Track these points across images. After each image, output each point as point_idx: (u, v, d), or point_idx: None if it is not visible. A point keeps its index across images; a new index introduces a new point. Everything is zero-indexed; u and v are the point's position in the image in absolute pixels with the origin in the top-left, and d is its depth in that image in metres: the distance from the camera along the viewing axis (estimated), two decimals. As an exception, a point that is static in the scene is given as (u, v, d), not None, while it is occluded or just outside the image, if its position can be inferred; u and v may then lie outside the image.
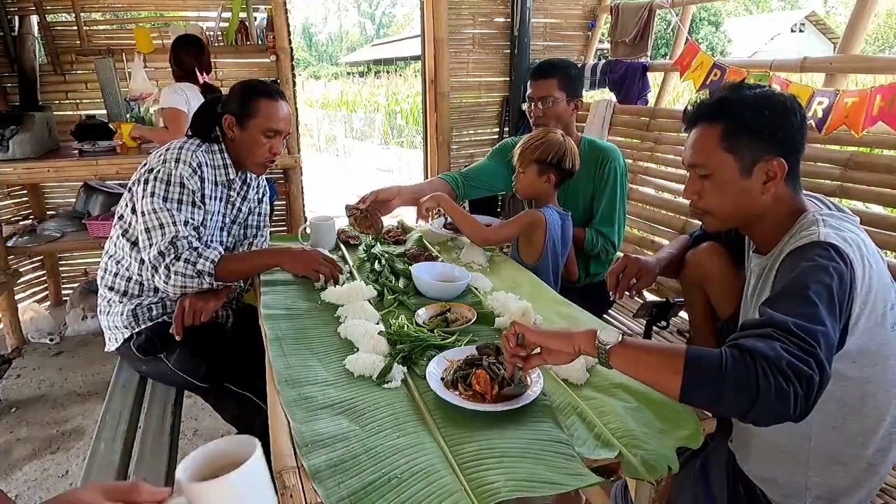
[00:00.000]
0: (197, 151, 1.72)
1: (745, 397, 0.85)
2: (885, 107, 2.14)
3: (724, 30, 23.42)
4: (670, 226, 2.85)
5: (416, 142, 11.29)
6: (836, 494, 1.18)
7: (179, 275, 1.61)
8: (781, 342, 0.88)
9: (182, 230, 1.62)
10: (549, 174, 1.95)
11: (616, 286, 1.62)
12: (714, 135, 1.19)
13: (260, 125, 1.74)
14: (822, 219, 1.12)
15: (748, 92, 1.18)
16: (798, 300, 0.95)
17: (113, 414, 1.67)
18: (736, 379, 0.86)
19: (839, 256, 1.01)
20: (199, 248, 1.64)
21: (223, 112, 1.76)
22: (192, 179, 1.67)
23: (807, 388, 0.85)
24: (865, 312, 1.06)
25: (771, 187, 1.17)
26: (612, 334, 1.01)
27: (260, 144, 1.75)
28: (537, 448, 1.04)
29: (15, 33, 3.40)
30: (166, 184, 1.64)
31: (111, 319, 1.79)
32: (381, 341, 1.37)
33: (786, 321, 0.90)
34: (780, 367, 0.85)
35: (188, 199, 1.67)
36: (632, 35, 3.63)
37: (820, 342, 0.89)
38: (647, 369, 0.98)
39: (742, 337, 0.92)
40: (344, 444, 1.05)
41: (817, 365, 0.87)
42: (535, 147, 1.94)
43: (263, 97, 1.75)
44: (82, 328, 3.33)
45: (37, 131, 3.10)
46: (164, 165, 1.66)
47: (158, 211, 1.62)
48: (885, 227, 2.05)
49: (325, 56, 44.84)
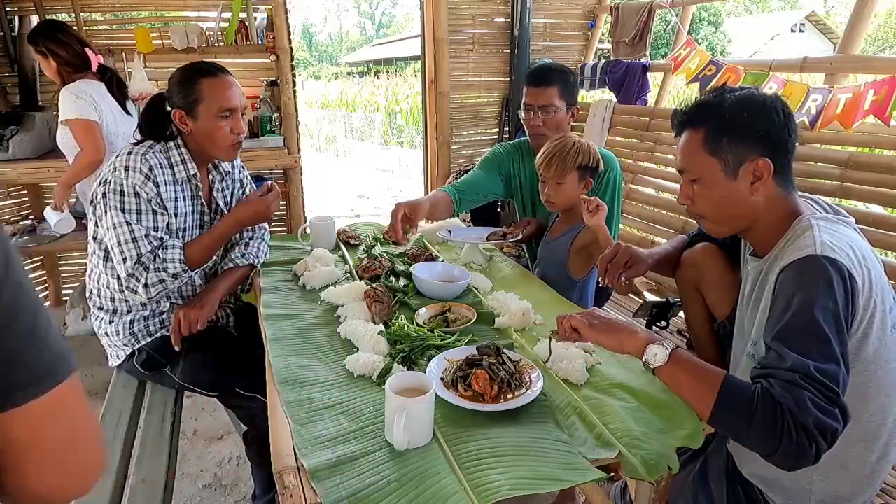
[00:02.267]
0: (147, 154, 1.62)
1: (769, 446, 0.92)
2: (878, 101, 2.14)
3: (724, 30, 23.43)
4: (670, 226, 2.85)
5: (416, 142, 11.29)
6: (840, 499, 1.17)
7: (156, 285, 1.60)
8: (809, 392, 0.91)
9: (144, 246, 1.58)
10: (587, 179, 1.87)
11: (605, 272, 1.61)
12: (698, 139, 1.21)
13: (211, 108, 1.62)
14: (816, 223, 1.11)
15: (728, 95, 1.20)
16: (811, 337, 0.97)
17: (113, 414, 1.67)
18: (763, 426, 0.92)
19: (838, 272, 1.01)
20: (160, 254, 1.61)
21: (170, 107, 1.66)
22: (145, 187, 1.59)
23: (830, 439, 0.90)
24: (865, 318, 1.06)
25: (759, 187, 1.17)
26: (661, 355, 1.07)
27: (218, 128, 1.64)
28: (537, 447, 1.04)
29: (15, 33, 3.40)
30: (120, 194, 1.58)
31: (110, 338, 1.75)
32: (381, 341, 1.37)
33: (807, 366, 0.93)
34: (807, 426, 0.89)
35: (146, 209, 1.60)
36: (631, 35, 3.63)
37: (840, 384, 0.94)
38: (686, 392, 1.05)
39: (771, 376, 0.96)
40: (343, 445, 1.05)
41: (841, 412, 0.92)
42: (574, 153, 1.83)
43: (205, 77, 1.64)
44: (82, 328, 3.32)
45: (37, 131, 3.10)
46: (114, 175, 1.59)
47: (118, 226, 1.57)
48: (885, 227, 2.05)
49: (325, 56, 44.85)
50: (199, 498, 2.15)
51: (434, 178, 4.11)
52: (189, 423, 2.52)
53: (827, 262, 1.02)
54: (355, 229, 2.30)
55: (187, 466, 2.29)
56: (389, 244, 2.18)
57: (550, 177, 1.85)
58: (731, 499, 1.27)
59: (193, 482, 2.22)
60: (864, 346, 1.08)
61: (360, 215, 6.89)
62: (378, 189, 8.60)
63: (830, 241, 1.06)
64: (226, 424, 2.45)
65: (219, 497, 2.15)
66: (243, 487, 2.18)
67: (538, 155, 1.90)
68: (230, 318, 1.91)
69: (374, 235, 2.23)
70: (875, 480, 1.18)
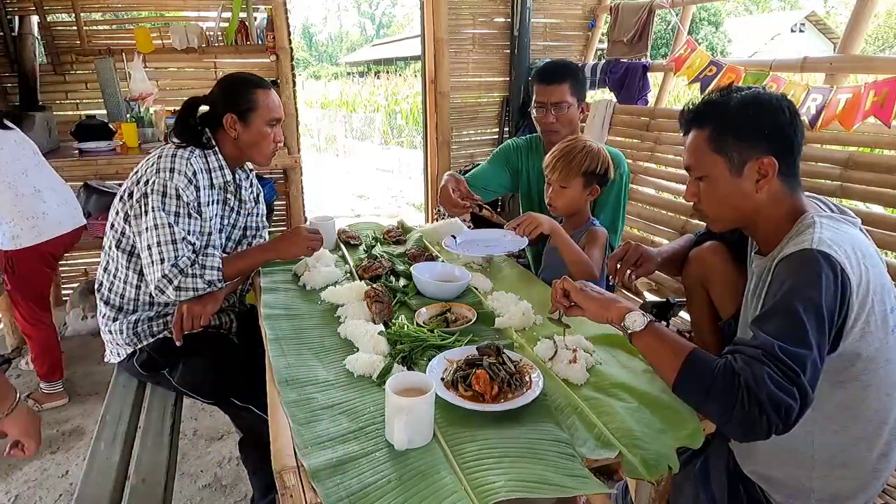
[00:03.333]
0: (191, 158, 1.68)
1: (723, 414, 0.97)
2: (878, 102, 2.14)
3: (724, 30, 23.41)
4: (670, 226, 2.85)
5: (416, 142, 11.28)
6: (840, 498, 1.17)
7: (190, 289, 1.61)
8: (768, 367, 0.94)
9: (181, 249, 1.61)
10: (593, 186, 1.80)
11: (615, 270, 1.62)
12: (703, 137, 1.21)
13: (263, 116, 1.74)
14: (819, 221, 1.11)
15: (735, 94, 1.21)
16: (786, 321, 0.99)
17: (113, 414, 1.67)
18: (720, 394, 0.96)
19: (830, 266, 1.02)
20: (200, 260, 1.64)
21: (220, 112, 1.73)
22: (187, 190, 1.64)
23: (784, 415, 0.93)
24: (863, 317, 1.06)
25: (763, 185, 1.17)
26: (640, 321, 1.13)
27: (265, 136, 1.76)
28: (537, 448, 1.04)
29: (15, 33, 3.39)
30: (163, 195, 1.61)
31: (113, 335, 1.76)
32: (381, 341, 1.37)
33: (772, 344, 0.96)
34: (760, 398, 0.92)
35: (185, 212, 1.64)
36: (630, 35, 3.63)
37: (806, 367, 0.95)
38: (655, 357, 1.10)
39: (737, 351, 1.00)
40: (344, 445, 1.05)
41: (799, 391, 0.93)
42: (581, 158, 1.76)
43: (259, 88, 1.75)
44: (82, 328, 3.33)
45: (37, 131, 3.10)
46: (158, 176, 1.62)
47: (160, 227, 1.59)
48: (885, 227, 2.05)
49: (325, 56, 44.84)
50: (199, 498, 2.15)
51: (434, 178, 4.11)
52: (189, 423, 2.52)
53: (820, 255, 1.03)
54: (355, 229, 2.30)
55: (187, 466, 2.29)
56: (389, 244, 2.17)
57: (555, 179, 1.81)
58: (732, 497, 1.27)
59: (193, 482, 2.22)
60: (864, 346, 1.08)
61: (360, 215, 6.89)
62: (378, 189, 8.60)
63: (829, 237, 1.06)
64: (226, 424, 2.45)
65: (219, 497, 2.15)
66: (243, 487, 2.18)
67: (547, 155, 1.87)
68: (233, 323, 1.91)
69: (374, 235, 2.23)
70: (877, 480, 1.18)
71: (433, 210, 4.18)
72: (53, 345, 2.67)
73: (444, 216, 3.96)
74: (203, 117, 1.77)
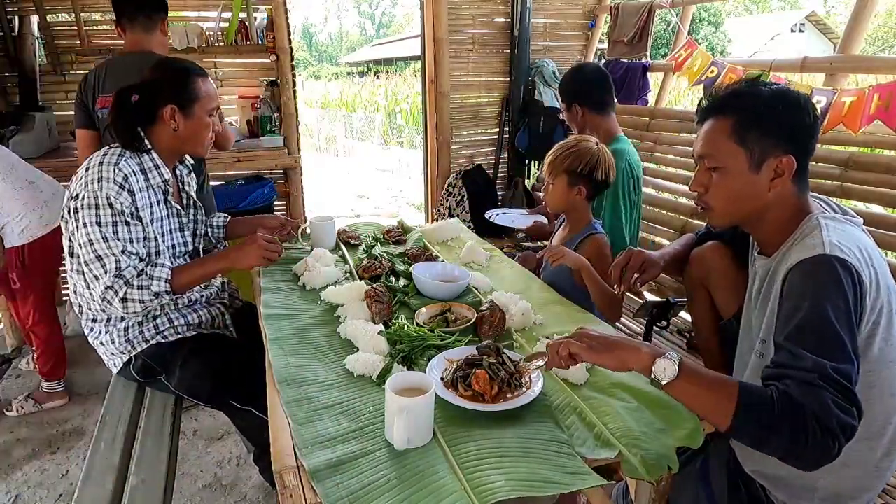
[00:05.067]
0: (119, 163, 1.57)
1: (792, 448, 0.92)
2: (883, 106, 2.14)
3: (724, 30, 23.41)
4: (670, 226, 2.85)
5: (416, 142, 11.28)
6: (843, 497, 1.17)
7: (136, 301, 1.55)
8: (829, 392, 0.91)
9: (122, 260, 1.54)
10: (579, 186, 1.82)
11: (620, 279, 1.61)
12: (725, 127, 1.18)
13: (205, 106, 1.68)
14: (825, 223, 1.11)
15: (763, 87, 1.18)
16: (826, 337, 0.97)
17: (113, 414, 1.67)
18: (786, 431, 0.91)
19: (847, 271, 1.01)
20: (147, 270, 1.57)
21: (158, 103, 1.63)
22: (119, 197, 1.55)
23: (850, 435, 0.91)
24: (872, 318, 1.06)
25: (778, 184, 1.16)
26: (671, 370, 0.99)
27: (206, 125, 1.70)
28: (537, 448, 1.04)
29: (15, 33, 3.39)
30: (95, 207, 1.53)
31: (106, 346, 1.73)
32: (381, 341, 1.37)
33: (824, 366, 0.93)
34: (831, 427, 0.90)
35: (121, 220, 1.55)
36: (630, 35, 3.62)
37: (854, 381, 0.95)
38: (701, 405, 1.00)
39: (787, 377, 0.95)
40: (343, 445, 1.05)
41: (857, 409, 0.93)
42: (566, 156, 1.81)
43: (199, 77, 1.68)
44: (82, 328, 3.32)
45: (37, 131, 3.10)
46: (86, 189, 1.53)
47: (95, 242, 1.53)
48: (885, 227, 2.05)
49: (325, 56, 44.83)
50: (199, 498, 2.15)
51: (434, 178, 4.11)
52: (189, 423, 2.52)
53: (837, 261, 1.02)
54: (355, 229, 2.30)
55: (187, 466, 2.29)
56: (390, 244, 2.17)
57: (545, 176, 1.88)
58: (733, 496, 1.27)
59: (193, 482, 2.22)
60: (870, 346, 1.08)
61: (360, 215, 6.89)
62: (378, 189, 8.60)
63: (839, 240, 1.06)
64: (226, 424, 2.45)
65: (219, 497, 2.15)
66: (243, 487, 2.18)
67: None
68: (225, 315, 1.88)
69: (374, 235, 2.23)
70: (879, 479, 1.18)
71: (433, 210, 4.18)
72: (59, 342, 2.68)
73: (445, 216, 3.97)
74: (136, 109, 1.64)
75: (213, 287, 1.91)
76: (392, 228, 2.32)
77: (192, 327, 1.77)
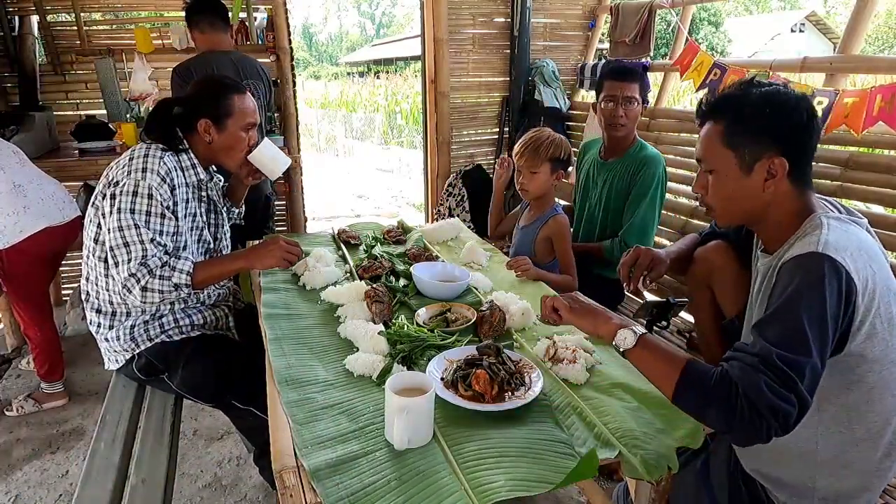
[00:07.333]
0: (164, 157, 1.64)
1: (723, 423, 0.97)
2: (885, 107, 2.14)
3: (724, 30, 23.40)
4: (670, 225, 2.85)
5: (416, 142, 11.28)
6: (844, 497, 1.17)
7: (156, 291, 1.57)
8: (766, 376, 0.95)
9: (150, 249, 1.56)
10: (559, 171, 2.04)
11: (629, 278, 1.61)
12: (717, 131, 1.20)
13: (239, 122, 1.72)
14: (827, 222, 1.11)
15: (754, 90, 1.18)
16: (787, 327, 0.99)
17: (113, 414, 1.67)
18: (719, 403, 0.97)
19: (834, 270, 1.01)
20: (171, 262, 1.59)
21: (195, 115, 1.70)
22: (160, 189, 1.60)
23: (783, 421, 0.94)
24: (869, 319, 1.06)
25: (771, 185, 1.16)
26: (630, 339, 1.11)
27: (240, 140, 1.74)
28: (537, 448, 1.04)
29: (15, 33, 3.40)
30: (133, 195, 1.57)
31: (110, 342, 1.74)
32: (381, 341, 1.37)
33: (770, 352, 0.96)
34: (758, 406, 0.93)
35: (157, 211, 1.59)
36: (632, 35, 3.62)
37: (804, 374, 0.96)
38: (651, 371, 1.09)
39: (734, 358, 1.00)
40: (343, 445, 1.05)
41: (797, 397, 0.94)
42: (548, 146, 2.00)
43: (236, 93, 1.71)
44: (82, 328, 3.32)
45: (37, 131, 3.10)
46: (129, 177, 1.58)
47: (125, 228, 1.55)
48: (885, 227, 2.05)
49: (325, 56, 44.84)
50: (199, 498, 2.15)
51: (434, 178, 4.11)
52: (189, 423, 2.52)
53: (826, 260, 1.02)
54: (355, 229, 2.30)
55: (187, 466, 2.29)
56: (390, 244, 2.17)
57: (525, 166, 2.04)
58: (733, 496, 1.27)
59: (193, 482, 2.21)
60: (870, 347, 1.08)
61: (360, 215, 6.89)
62: (378, 189, 8.59)
63: (836, 239, 1.06)
64: (226, 424, 2.45)
65: (219, 497, 2.14)
66: (243, 487, 2.17)
67: (516, 145, 2.09)
68: (229, 318, 1.89)
69: (374, 235, 2.23)
70: (880, 479, 1.18)
71: (433, 210, 4.18)
72: (54, 346, 2.66)
73: (445, 216, 3.97)
74: (176, 118, 1.72)
75: (224, 287, 1.92)
76: (392, 228, 2.32)
77: (196, 328, 1.78)
